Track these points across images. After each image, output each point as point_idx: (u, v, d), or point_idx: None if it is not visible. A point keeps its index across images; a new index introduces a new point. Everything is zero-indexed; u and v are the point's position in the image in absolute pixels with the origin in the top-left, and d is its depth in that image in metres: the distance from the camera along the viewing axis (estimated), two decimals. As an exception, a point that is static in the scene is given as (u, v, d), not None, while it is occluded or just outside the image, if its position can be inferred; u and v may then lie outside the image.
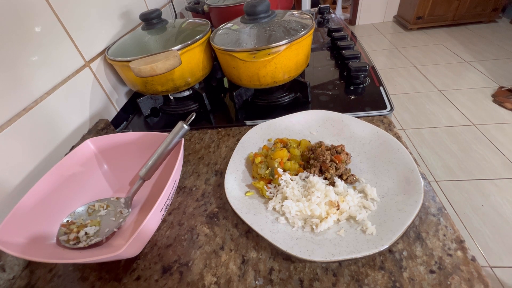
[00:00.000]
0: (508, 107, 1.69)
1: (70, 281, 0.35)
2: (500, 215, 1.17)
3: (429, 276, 0.30)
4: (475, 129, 1.60)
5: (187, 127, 0.42)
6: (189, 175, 0.48)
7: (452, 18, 2.77)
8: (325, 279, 0.31)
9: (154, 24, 0.66)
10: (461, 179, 1.34)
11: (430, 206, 0.36)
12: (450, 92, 1.93)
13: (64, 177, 0.41)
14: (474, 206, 1.22)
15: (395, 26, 3.09)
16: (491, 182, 1.30)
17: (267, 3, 0.59)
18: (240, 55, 0.52)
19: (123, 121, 0.66)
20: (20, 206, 0.35)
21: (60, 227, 0.38)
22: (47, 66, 0.49)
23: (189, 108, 0.67)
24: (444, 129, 1.64)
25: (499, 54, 2.27)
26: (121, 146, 0.46)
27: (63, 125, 0.51)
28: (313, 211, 0.35)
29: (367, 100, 0.58)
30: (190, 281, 0.33)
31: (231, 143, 0.53)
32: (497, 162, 1.39)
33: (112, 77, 0.66)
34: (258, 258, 0.34)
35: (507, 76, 1.98)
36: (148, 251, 0.37)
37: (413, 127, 1.69)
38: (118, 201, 0.42)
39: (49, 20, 0.50)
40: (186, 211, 0.42)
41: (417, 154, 1.51)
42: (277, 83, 0.58)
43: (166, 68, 0.52)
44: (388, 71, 2.28)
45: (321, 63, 0.76)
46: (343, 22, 1.03)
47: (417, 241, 0.33)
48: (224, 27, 0.65)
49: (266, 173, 0.41)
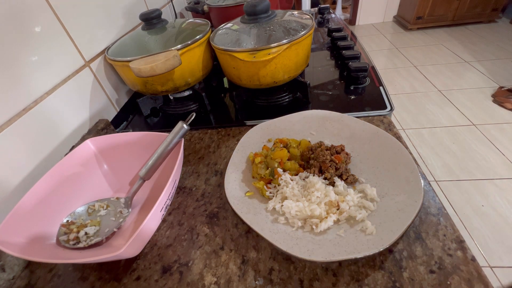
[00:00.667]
0: (508, 107, 1.69)
1: (70, 281, 0.35)
2: (500, 215, 1.17)
3: (429, 276, 0.30)
4: (475, 129, 1.60)
5: (187, 127, 0.42)
6: (189, 175, 0.48)
7: (452, 18, 2.77)
8: (325, 279, 0.31)
9: (154, 24, 0.66)
10: (461, 179, 1.34)
11: (430, 206, 0.36)
12: (450, 92, 1.93)
13: (64, 177, 0.41)
14: (474, 206, 1.22)
15: (395, 26, 3.09)
16: (491, 182, 1.30)
17: (267, 3, 0.59)
18: (240, 55, 0.52)
19: (123, 121, 0.66)
20: (20, 206, 0.35)
21: (60, 227, 0.38)
22: (47, 66, 0.49)
23: (189, 108, 0.67)
24: (444, 129, 1.64)
25: (499, 54, 2.27)
26: (121, 146, 0.46)
27: (63, 125, 0.51)
28: (313, 211, 0.35)
29: (367, 100, 0.58)
30: (190, 281, 0.33)
31: (231, 143, 0.53)
32: (497, 162, 1.39)
33: (112, 77, 0.66)
34: (258, 258, 0.34)
35: (507, 76, 1.98)
36: (148, 251, 0.37)
37: (413, 127, 1.69)
38: (118, 201, 0.42)
39: (49, 20, 0.50)
40: (186, 211, 0.42)
41: (417, 154, 1.51)
42: (277, 83, 0.58)
43: (166, 68, 0.52)
44: (388, 71, 2.28)
45: (321, 63, 0.76)
46: (343, 22, 1.03)
47: (417, 241, 0.33)
48: (224, 27, 0.65)
49: (266, 173, 0.41)
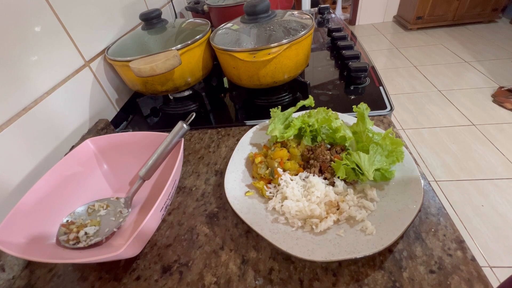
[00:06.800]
0: (508, 107, 1.69)
1: (70, 281, 0.35)
2: (500, 215, 1.17)
3: (429, 276, 0.30)
4: (475, 129, 1.60)
5: (187, 127, 0.42)
6: (189, 175, 0.48)
7: (452, 18, 2.77)
8: (325, 279, 0.31)
9: (154, 24, 0.66)
10: (461, 179, 1.34)
11: (430, 206, 0.36)
12: (450, 92, 1.93)
13: (64, 177, 0.41)
14: (474, 206, 1.22)
15: (395, 26, 3.10)
16: (491, 182, 1.31)
17: (267, 3, 0.59)
18: (240, 55, 0.52)
19: (123, 121, 0.66)
20: (20, 206, 0.35)
21: (60, 227, 0.38)
22: (47, 66, 0.49)
23: (189, 108, 0.67)
24: (444, 129, 1.64)
25: (499, 54, 2.27)
26: (121, 146, 0.46)
27: (63, 125, 0.51)
28: (313, 211, 0.35)
29: (367, 100, 0.57)
30: (190, 281, 0.33)
31: (231, 143, 0.53)
32: (497, 162, 1.39)
33: (112, 77, 0.66)
34: (258, 258, 0.34)
35: (507, 76, 1.98)
36: (148, 251, 0.37)
37: (413, 127, 1.69)
38: (118, 201, 0.42)
39: (49, 20, 0.50)
40: (186, 211, 0.42)
41: (417, 154, 1.51)
42: (277, 83, 0.58)
43: (166, 68, 0.52)
44: (388, 71, 2.28)
45: (321, 63, 0.76)
46: (343, 22, 1.03)
47: (417, 241, 0.33)
48: (224, 27, 0.65)
49: (266, 173, 0.41)
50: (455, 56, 2.34)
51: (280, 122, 0.47)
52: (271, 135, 0.45)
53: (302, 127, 0.45)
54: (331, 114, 0.45)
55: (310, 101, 0.50)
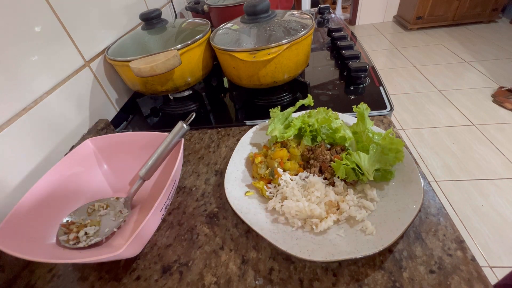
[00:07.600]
0: (508, 107, 1.69)
1: (70, 281, 0.35)
2: (500, 215, 1.17)
3: (429, 276, 0.30)
4: (475, 129, 1.60)
5: (187, 127, 0.42)
6: (189, 175, 0.48)
7: (452, 18, 2.77)
8: (325, 279, 0.31)
9: (154, 24, 0.66)
10: (461, 179, 1.34)
11: (430, 206, 0.36)
12: (450, 92, 1.93)
13: (64, 177, 0.41)
14: (474, 206, 1.22)
15: (395, 26, 3.10)
16: (491, 182, 1.31)
17: (267, 3, 0.59)
18: (240, 55, 0.52)
19: (123, 121, 0.66)
20: (20, 206, 0.35)
21: (60, 227, 0.38)
22: (47, 66, 0.49)
23: (189, 108, 0.67)
24: (444, 129, 1.64)
25: (499, 54, 2.27)
26: (121, 146, 0.46)
27: (63, 125, 0.51)
28: (313, 211, 0.35)
29: (367, 100, 0.57)
30: (190, 281, 0.33)
31: (231, 143, 0.53)
32: (497, 162, 1.39)
33: (112, 77, 0.66)
34: (258, 258, 0.34)
35: (507, 76, 1.98)
36: (148, 251, 0.37)
37: (413, 127, 1.69)
38: (118, 201, 0.42)
39: (49, 20, 0.49)
40: (186, 211, 0.42)
41: (417, 154, 1.51)
42: (277, 83, 0.58)
43: (166, 68, 0.52)
44: (388, 71, 2.28)
45: (321, 63, 0.76)
46: (343, 22, 1.03)
47: (417, 241, 0.33)
48: (224, 27, 0.65)
49: (266, 173, 0.41)
50: (455, 56, 2.34)
51: (280, 122, 0.47)
52: (271, 135, 0.45)
53: (302, 127, 0.45)
54: (331, 114, 0.45)
55: (309, 100, 0.50)
